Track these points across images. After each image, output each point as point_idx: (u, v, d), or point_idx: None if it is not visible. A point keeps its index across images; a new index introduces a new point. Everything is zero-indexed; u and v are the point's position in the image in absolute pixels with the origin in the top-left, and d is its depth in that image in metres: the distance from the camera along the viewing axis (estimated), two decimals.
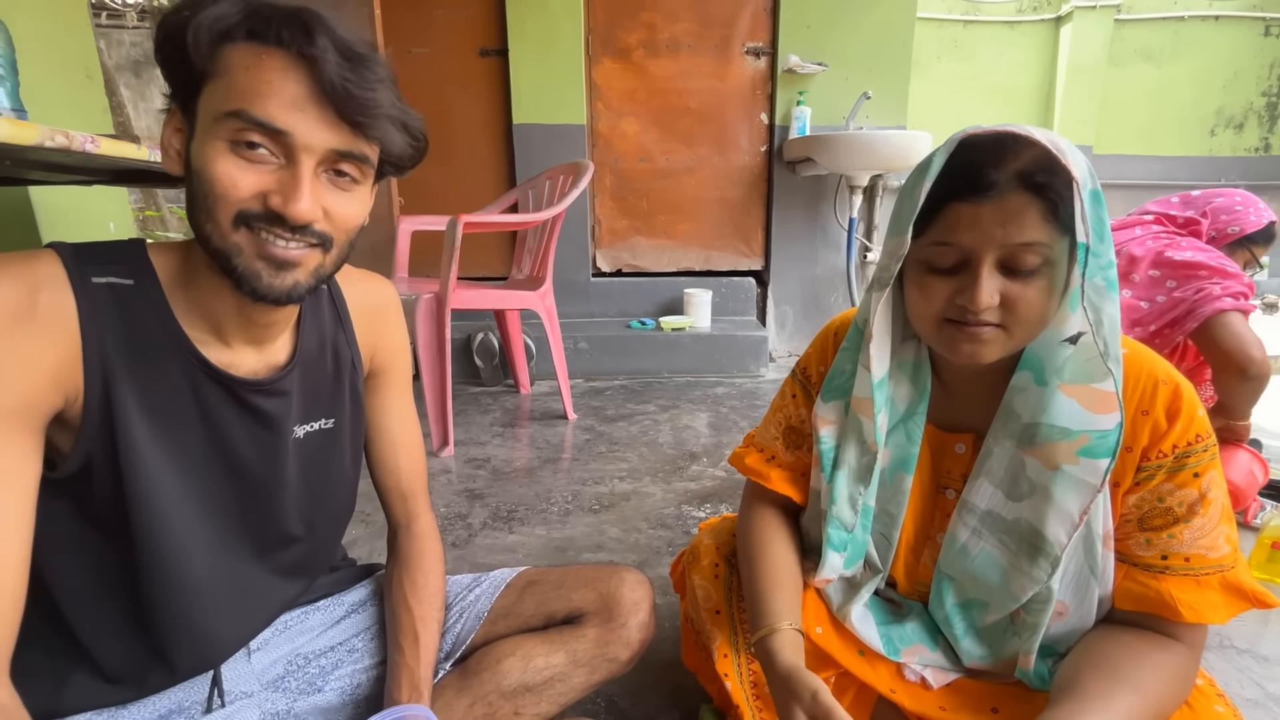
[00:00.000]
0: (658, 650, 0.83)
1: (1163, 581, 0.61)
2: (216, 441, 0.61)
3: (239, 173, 0.51)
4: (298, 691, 0.73)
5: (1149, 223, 1.39)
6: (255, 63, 0.50)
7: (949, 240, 0.58)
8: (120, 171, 1.39)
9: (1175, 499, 0.60)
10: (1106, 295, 0.56)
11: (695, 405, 2.48)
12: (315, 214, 0.53)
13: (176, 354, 0.57)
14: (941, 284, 0.60)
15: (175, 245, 0.60)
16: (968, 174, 0.56)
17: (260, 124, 0.50)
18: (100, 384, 0.53)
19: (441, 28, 2.82)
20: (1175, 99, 3.79)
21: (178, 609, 0.61)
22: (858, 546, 0.74)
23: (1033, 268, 0.56)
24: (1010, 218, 0.55)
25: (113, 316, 0.54)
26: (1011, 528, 0.65)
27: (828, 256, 3.13)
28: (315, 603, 0.79)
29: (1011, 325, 0.59)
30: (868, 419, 0.69)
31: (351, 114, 0.52)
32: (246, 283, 0.53)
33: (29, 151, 0.97)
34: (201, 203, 0.52)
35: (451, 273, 1.86)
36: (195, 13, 0.50)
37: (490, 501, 1.65)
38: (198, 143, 0.52)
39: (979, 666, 0.71)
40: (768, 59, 2.97)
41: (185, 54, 0.51)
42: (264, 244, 0.53)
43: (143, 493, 0.56)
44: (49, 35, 1.66)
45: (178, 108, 0.55)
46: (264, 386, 0.62)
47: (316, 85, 0.51)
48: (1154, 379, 0.61)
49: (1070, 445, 0.60)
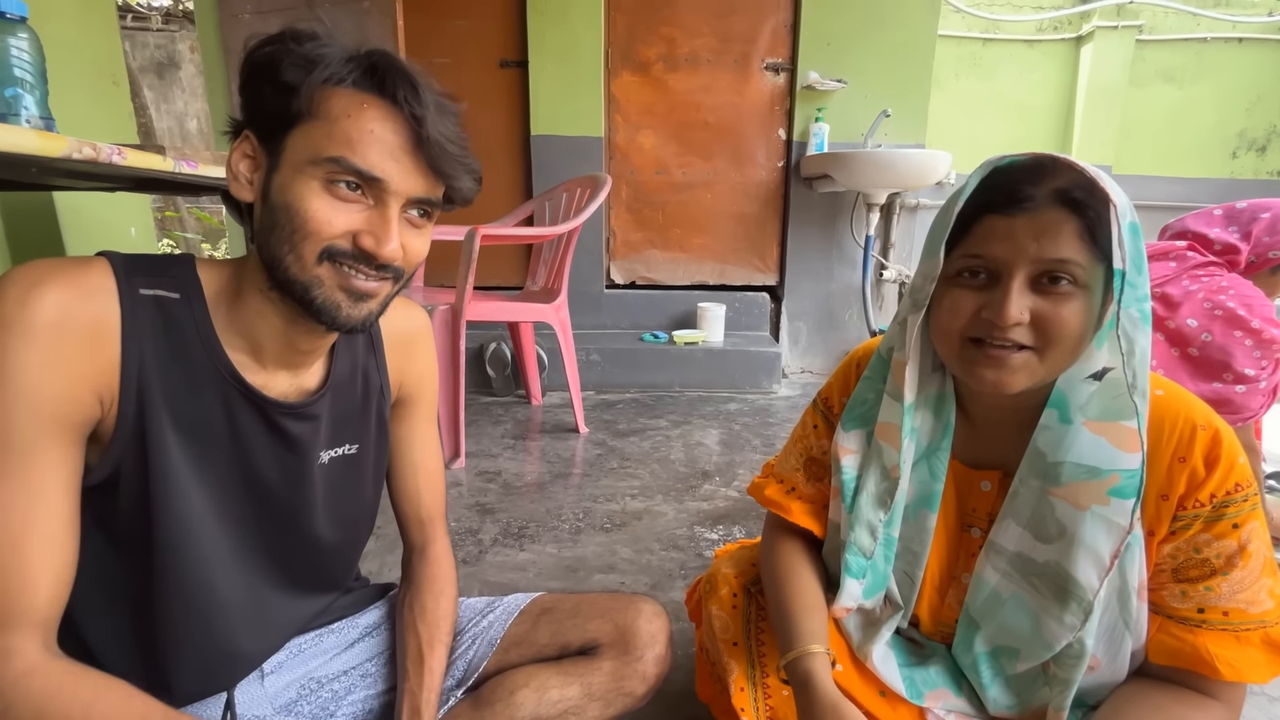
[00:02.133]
0: (671, 680, 0.81)
1: (1199, 636, 0.58)
2: (242, 461, 0.61)
3: (332, 212, 0.53)
4: (310, 717, 0.72)
5: (1183, 250, 1.34)
6: (357, 110, 0.53)
7: (981, 252, 0.57)
8: (144, 179, 1.40)
9: (1213, 550, 0.58)
10: (1140, 327, 0.55)
11: (707, 421, 2.46)
12: (400, 253, 0.56)
13: (213, 370, 0.58)
14: (970, 298, 0.59)
15: (224, 263, 0.61)
16: (1004, 189, 0.56)
17: (359, 171, 0.52)
18: (135, 396, 0.54)
19: (462, 39, 2.85)
20: (1196, 120, 3.75)
21: (196, 626, 0.61)
22: (878, 576, 0.72)
23: (1065, 287, 0.55)
24: (1045, 231, 0.54)
25: (155, 329, 0.55)
26: (1042, 571, 0.62)
27: (843, 273, 3.11)
28: (330, 625, 0.78)
29: (1042, 348, 0.56)
30: (891, 446, 0.68)
31: (442, 166, 0.56)
32: (326, 313, 0.55)
33: (55, 161, 0.98)
34: (286, 235, 0.53)
35: (468, 284, 1.86)
36: (293, 52, 0.52)
37: (501, 517, 1.64)
38: (284, 178, 0.53)
39: (1005, 716, 0.68)
40: (787, 75, 2.96)
41: (281, 91, 0.52)
42: (347, 277, 0.55)
43: (169, 507, 0.56)
44: (77, 42, 1.68)
45: (254, 137, 0.55)
46: (295, 410, 0.63)
47: (413, 137, 0.54)
48: (1192, 424, 0.59)
49: (1100, 485, 0.58)
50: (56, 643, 0.52)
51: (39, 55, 1.14)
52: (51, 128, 1.10)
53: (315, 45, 0.52)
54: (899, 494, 0.69)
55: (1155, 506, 0.60)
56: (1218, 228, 1.33)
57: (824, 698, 0.61)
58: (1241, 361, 1.22)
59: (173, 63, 6.06)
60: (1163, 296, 1.30)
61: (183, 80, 6.09)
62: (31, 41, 1.12)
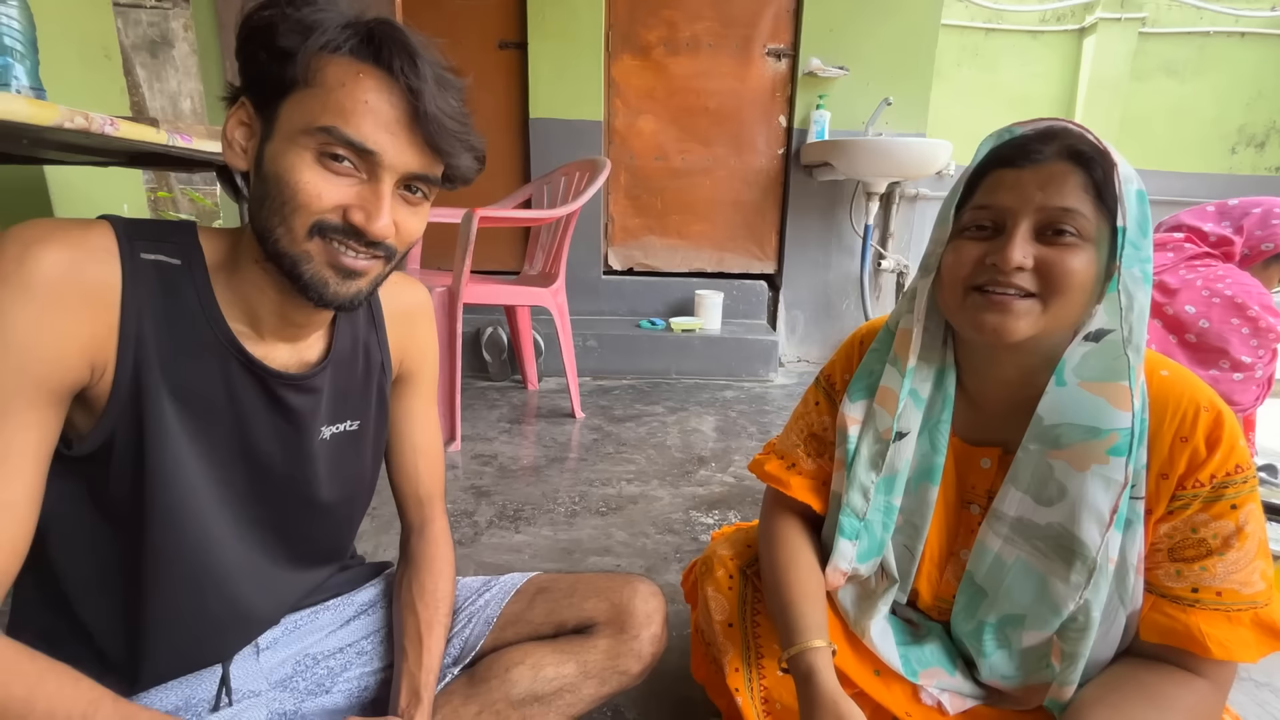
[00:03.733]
0: (666, 661, 0.82)
1: (1192, 615, 0.59)
2: (241, 432, 0.60)
3: (323, 184, 0.51)
4: (305, 692, 0.72)
5: (1180, 241, 1.35)
6: (352, 80, 0.51)
7: (988, 203, 0.60)
8: (137, 154, 1.38)
9: (1210, 530, 0.59)
10: (1141, 285, 0.57)
11: (703, 408, 2.46)
12: (391, 230, 0.54)
13: (212, 339, 0.57)
14: (975, 248, 0.60)
15: (225, 231, 0.60)
16: (1015, 147, 0.59)
17: (351, 143, 0.51)
18: (133, 362, 0.53)
19: (461, 18, 2.81)
20: (1197, 115, 3.75)
21: (190, 597, 0.60)
22: (873, 541, 0.73)
23: (1070, 238, 0.57)
24: (1050, 181, 0.57)
25: (155, 294, 0.54)
26: (1044, 533, 0.63)
27: (841, 262, 3.11)
28: (325, 602, 0.78)
29: (1046, 296, 0.57)
30: (886, 411, 0.69)
31: (440, 142, 0.54)
32: (313, 289, 0.54)
33: (47, 132, 0.96)
34: (277, 207, 0.52)
35: (465, 267, 1.84)
36: (290, 17, 0.50)
37: (497, 499, 1.64)
38: (277, 148, 0.52)
39: (1001, 687, 0.69)
40: (789, 61, 2.94)
41: (275, 57, 0.50)
42: (335, 253, 0.54)
43: (165, 476, 0.55)
44: (69, 14, 1.65)
45: (250, 104, 0.54)
46: (295, 381, 0.62)
47: (411, 111, 0.52)
48: (1195, 404, 0.59)
49: (1100, 445, 0.58)
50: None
51: (29, 24, 1.12)
52: (42, 98, 1.08)
53: (313, 10, 0.51)
54: (899, 461, 0.70)
55: (1155, 485, 0.60)
56: (1211, 222, 1.36)
57: (826, 696, 0.61)
58: (1238, 349, 1.23)
59: (166, 41, 5.96)
60: (1160, 284, 1.32)
61: (176, 59, 5.99)
62: (22, 10, 1.10)
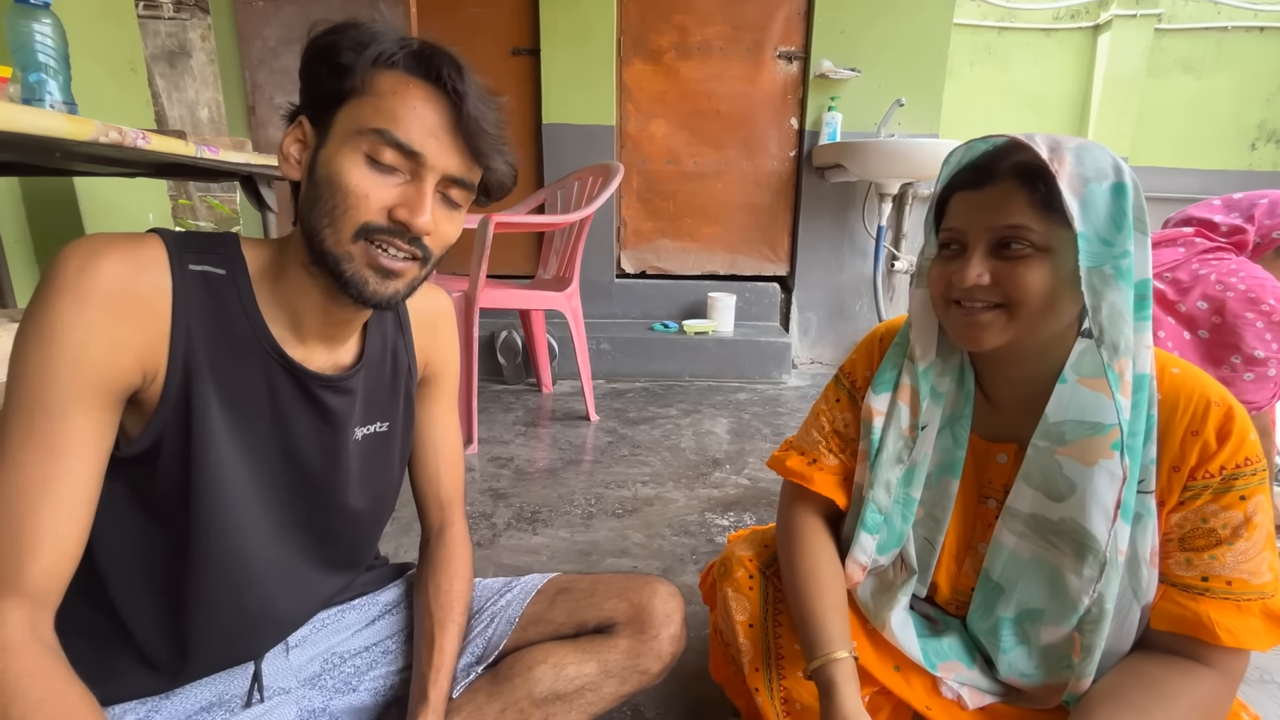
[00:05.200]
0: (684, 661, 0.83)
1: (1201, 603, 0.60)
2: (282, 433, 0.63)
3: (370, 185, 0.56)
4: (333, 690, 0.73)
5: (1190, 235, 1.34)
6: (403, 89, 0.56)
7: (952, 226, 0.65)
8: (163, 165, 1.42)
9: (1219, 520, 0.60)
10: (1113, 284, 0.58)
11: (717, 410, 2.47)
12: (432, 226, 0.58)
13: (256, 344, 0.60)
14: (946, 266, 0.65)
15: (266, 241, 0.63)
16: (973, 168, 0.64)
17: (399, 144, 0.55)
18: (182, 368, 0.55)
19: (474, 26, 2.84)
20: (1215, 111, 3.70)
21: (227, 597, 0.62)
22: (893, 533, 0.74)
23: (1021, 249, 0.59)
24: (998, 203, 0.60)
25: (203, 303, 0.57)
26: (1058, 528, 0.64)
27: (854, 264, 3.10)
28: (352, 601, 0.80)
29: (1009, 306, 0.61)
30: (907, 407, 0.71)
31: (479, 145, 0.58)
32: (354, 287, 0.58)
33: (80, 145, 0.99)
34: (327, 210, 0.56)
35: (481, 272, 1.86)
36: (353, 37, 0.55)
37: (514, 501, 1.66)
38: (329, 152, 0.56)
39: (1019, 685, 0.69)
40: (800, 63, 2.94)
41: (337, 71, 0.55)
42: (375, 255, 0.57)
43: (210, 478, 0.57)
44: (95, 28, 1.70)
45: (307, 120, 0.58)
46: (333, 383, 0.65)
47: (454, 117, 0.57)
48: (1206, 400, 0.61)
49: (1104, 440, 0.60)
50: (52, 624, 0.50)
51: (62, 41, 1.15)
52: (74, 113, 1.11)
53: (369, 31, 0.56)
54: (919, 456, 0.72)
55: (1167, 478, 0.62)
56: (1220, 214, 1.35)
57: (845, 708, 0.63)
58: (1251, 343, 1.22)
59: (184, 51, 6.06)
60: (1173, 281, 1.31)
61: (194, 69, 6.09)
62: (55, 27, 1.13)
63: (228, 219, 6.41)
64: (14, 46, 1.11)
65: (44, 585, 0.49)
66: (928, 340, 0.72)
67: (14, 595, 0.48)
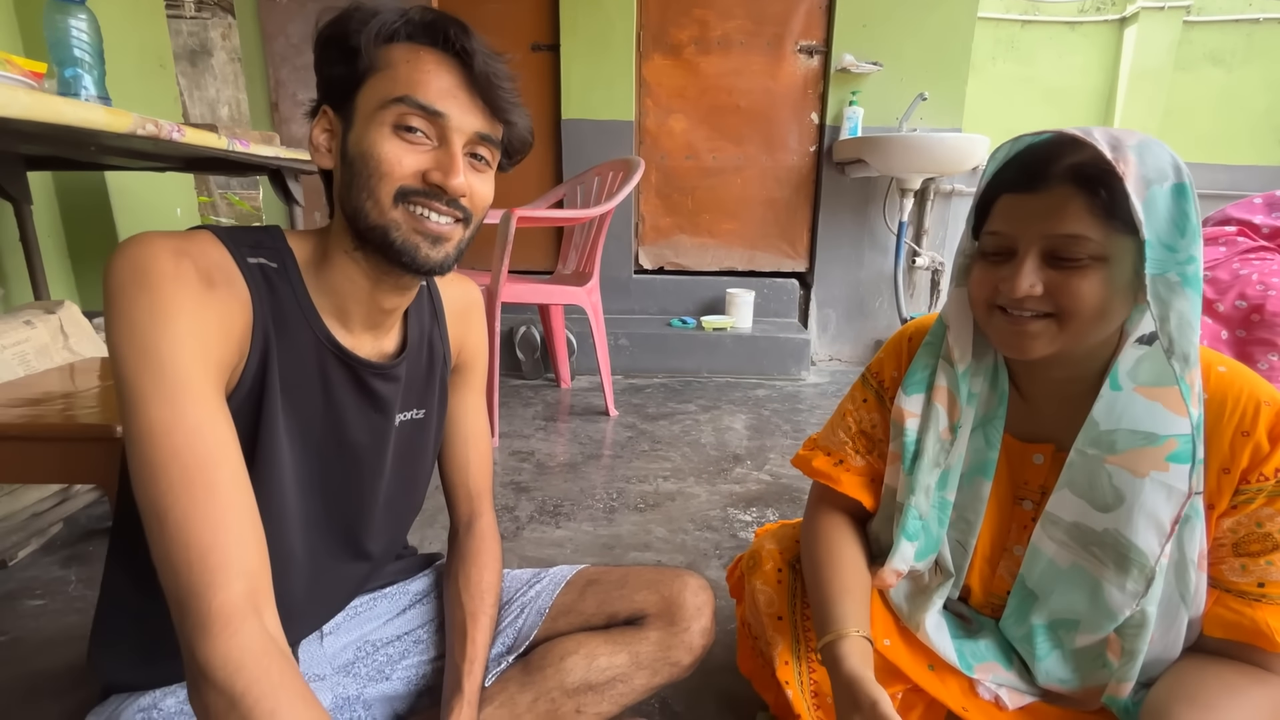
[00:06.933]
0: (711, 655, 0.82)
1: (1259, 610, 0.58)
2: (333, 420, 0.64)
3: (401, 152, 0.57)
4: (367, 678, 0.74)
5: (1232, 235, 1.32)
6: (414, 57, 0.57)
7: (998, 229, 0.61)
8: (192, 159, 1.43)
9: (1276, 525, 0.58)
10: (1180, 291, 0.55)
11: (736, 407, 2.46)
12: (466, 188, 0.59)
13: (310, 334, 0.61)
14: (991, 271, 0.62)
15: (310, 233, 0.64)
16: (1024, 168, 0.59)
17: (422, 106, 0.56)
18: (260, 357, 0.57)
19: (495, 21, 2.85)
20: (1246, 105, 3.62)
21: (279, 583, 0.62)
22: (930, 539, 0.73)
23: (1078, 260, 0.56)
24: (1054, 209, 0.56)
25: (264, 294, 0.58)
26: (1101, 539, 0.62)
27: (874, 260, 3.07)
28: (383, 589, 0.81)
29: (1061, 317, 0.58)
30: (944, 409, 0.70)
31: (494, 99, 0.59)
32: (406, 253, 0.58)
33: (112, 138, 1.00)
34: (364, 183, 0.57)
35: (503, 266, 1.87)
36: (357, 19, 0.57)
37: (536, 495, 1.67)
38: (358, 131, 0.57)
39: (1058, 690, 0.68)
40: (821, 58, 2.92)
41: (348, 55, 0.56)
42: (420, 220, 0.58)
43: (269, 464, 0.58)
44: (127, 24, 1.72)
45: (330, 108, 0.60)
46: (381, 370, 0.66)
47: (466, 76, 0.58)
48: (1256, 399, 0.59)
49: (1158, 451, 0.58)
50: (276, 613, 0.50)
51: (97, 36, 1.17)
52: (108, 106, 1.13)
53: (373, 12, 0.57)
54: (954, 459, 0.70)
55: (1216, 480, 0.60)
56: (1261, 214, 1.34)
57: (844, 675, 0.62)
58: None
59: (205, 49, 6.13)
60: (1213, 280, 1.29)
61: (214, 67, 6.15)
62: (90, 23, 1.15)
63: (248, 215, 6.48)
64: (51, 41, 1.13)
65: (259, 562, 0.50)
66: (966, 342, 0.69)
67: (237, 578, 0.47)
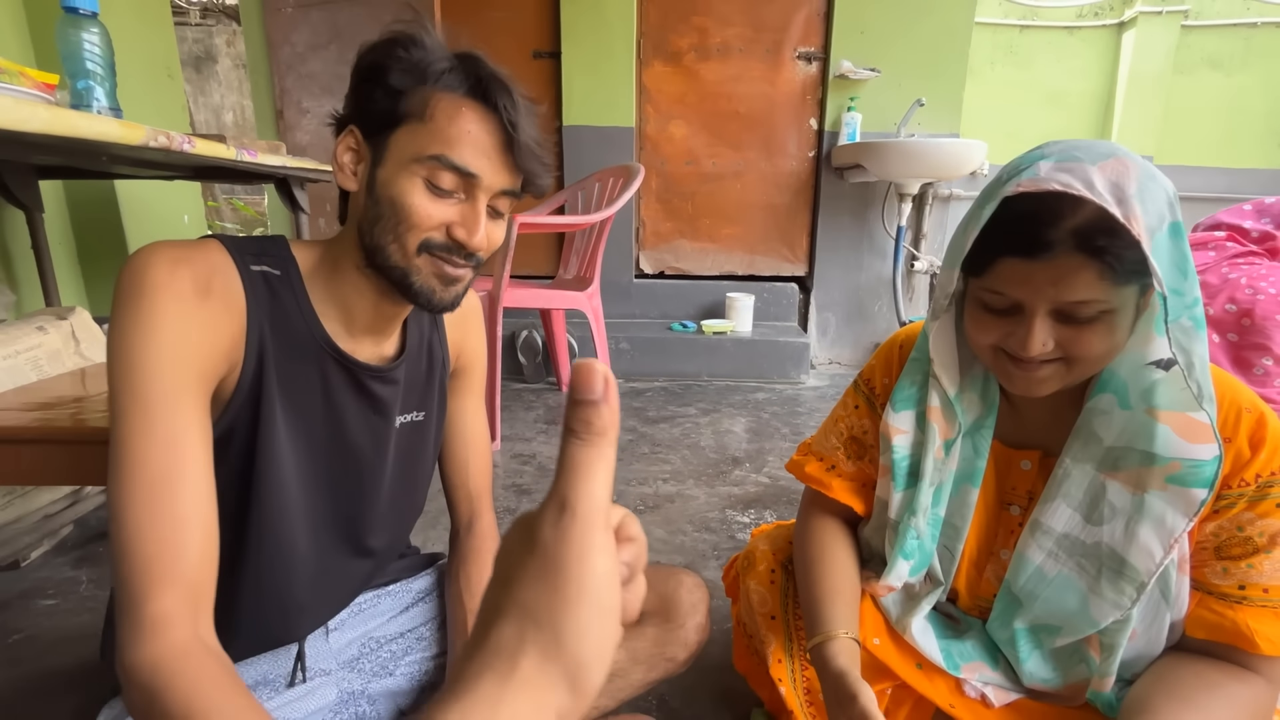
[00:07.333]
0: (708, 652, 0.84)
1: (1239, 612, 0.60)
2: (334, 423, 0.66)
3: (432, 207, 0.59)
4: (371, 673, 0.76)
5: (1222, 240, 1.33)
6: (458, 114, 0.59)
7: (1002, 290, 0.59)
8: (200, 168, 1.46)
9: (1256, 529, 0.59)
10: (1194, 335, 0.55)
11: (736, 410, 2.48)
12: (484, 241, 0.62)
13: (310, 339, 0.63)
14: (995, 322, 0.61)
15: (313, 243, 0.66)
16: (1021, 229, 0.55)
17: (457, 168, 0.58)
18: (256, 362, 0.59)
19: (496, 29, 2.88)
20: (1245, 109, 3.63)
21: (275, 581, 0.65)
22: (924, 555, 0.74)
23: (1089, 318, 0.56)
24: (1063, 278, 0.54)
25: (265, 301, 0.60)
26: (1091, 551, 0.64)
27: (873, 264, 3.09)
28: (386, 586, 0.83)
29: (1071, 361, 0.59)
30: (939, 430, 0.70)
31: (528, 165, 0.62)
32: (423, 295, 0.62)
33: (124, 149, 1.03)
34: (390, 226, 0.59)
35: (505, 271, 1.90)
36: (401, 59, 0.57)
37: (537, 497, 1.69)
38: (389, 173, 0.59)
39: (1042, 689, 0.70)
40: (819, 64, 2.95)
41: (388, 94, 0.58)
42: (440, 265, 0.62)
43: (270, 467, 0.61)
44: (135, 35, 1.75)
45: (359, 132, 0.61)
46: (380, 373, 0.68)
47: (505, 139, 0.60)
48: (1237, 407, 0.60)
49: (1160, 471, 0.59)
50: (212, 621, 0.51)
51: (108, 49, 1.19)
52: (120, 118, 1.15)
53: (420, 53, 0.58)
54: (947, 474, 0.72)
55: None
56: (1250, 220, 1.35)
57: (831, 673, 0.64)
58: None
59: (210, 57, 6.19)
60: (1203, 284, 1.30)
61: (219, 74, 6.21)
62: (102, 35, 1.18)
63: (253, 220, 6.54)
64: (64, 54, 1.15)
65: (202, 574, 0.51)
66: (953, 370, 0.70)
67: (180, 587, 0.49)
